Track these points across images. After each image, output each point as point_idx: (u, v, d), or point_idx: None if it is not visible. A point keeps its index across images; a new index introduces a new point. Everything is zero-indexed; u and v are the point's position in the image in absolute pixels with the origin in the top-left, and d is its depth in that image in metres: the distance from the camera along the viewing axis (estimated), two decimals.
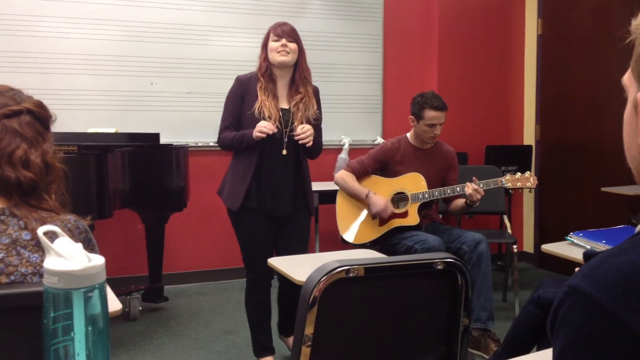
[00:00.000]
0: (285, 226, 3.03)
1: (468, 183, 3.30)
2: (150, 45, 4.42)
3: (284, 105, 2.97)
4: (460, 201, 3.43)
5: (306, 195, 3.05)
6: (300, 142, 2.88)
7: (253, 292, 3.07)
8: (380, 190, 3.43)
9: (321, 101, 3.10)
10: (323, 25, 4.87)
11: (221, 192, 3.05)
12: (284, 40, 2.90)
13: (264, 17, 4.57)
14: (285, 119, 2.93)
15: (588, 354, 0.67)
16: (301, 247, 3.06)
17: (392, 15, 5.10)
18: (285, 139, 2.93)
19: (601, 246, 2.38)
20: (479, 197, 3.27)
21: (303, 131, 2.87)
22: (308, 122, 2.95)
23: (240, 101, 2.96)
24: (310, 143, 2.90)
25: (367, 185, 3.46)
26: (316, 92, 3.07)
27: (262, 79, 2.93)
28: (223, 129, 2.98)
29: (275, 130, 2.85)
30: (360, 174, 3.48)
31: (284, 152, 2.93)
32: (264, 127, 2.81)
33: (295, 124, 2.92)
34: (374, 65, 5.08)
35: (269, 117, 2.87)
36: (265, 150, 2.92)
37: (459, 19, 5.11)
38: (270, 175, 2.94)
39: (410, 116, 3.47)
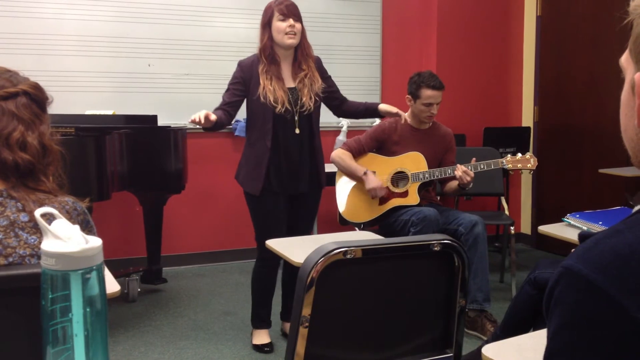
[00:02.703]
0: (300, 204, 3.09)
1: (458, 165, 3.30)
2: (147, 27, 4.38)
3: (290, 84, 2.97)
4: (454, 183, 3.42)
5: (320, 171, 3.09)
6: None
7: (262, 270, 3.13)
8: (380, 169, 3.42)
9: None
10: (322, 6, 4.83)
11: (238, 176, 3.09)
12: (291, 21, 2.87)
13: None
14: (294, 98, 2.94)
15: (582, 333, 0.67)
16: (312, 223, 3.19)
17: None
18: (297, 118, 2.95)
19: (597, 227, 2.39)
20: (468, 179, 3.26)
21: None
22: (317, 96, 2.97)
23: (241, 87, 2.96)
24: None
25: (367, 163, 3.44)
26: (318, 62, 3.08)
27: (265, 61, 2.91)
28: (216, 108, 2.95)
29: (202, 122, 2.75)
30: (357, 153, 3.47)
31: (297, 130, 2.94)
32: (198, 116, 2.73)
33: (304, 99, 2.92)
34: (372, 46, 5.04)
35: (275, 101, 2.87)
36: (279, 132, 2.94)
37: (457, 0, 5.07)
38: (286, 155, 2.97)
39: (407, 95, 3.46)
